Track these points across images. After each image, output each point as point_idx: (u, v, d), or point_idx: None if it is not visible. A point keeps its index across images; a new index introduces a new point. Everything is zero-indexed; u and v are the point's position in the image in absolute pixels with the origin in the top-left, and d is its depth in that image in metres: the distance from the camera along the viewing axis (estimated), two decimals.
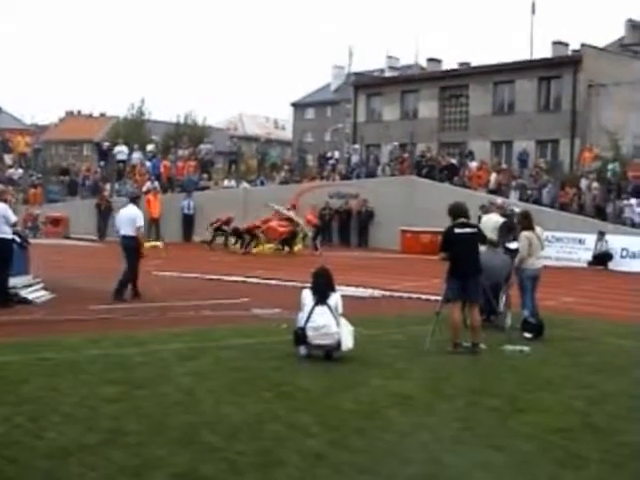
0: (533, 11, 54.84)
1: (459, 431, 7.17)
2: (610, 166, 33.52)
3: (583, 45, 43.53)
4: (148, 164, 39.62)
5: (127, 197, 17.27)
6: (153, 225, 34.54)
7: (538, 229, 13.38)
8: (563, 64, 43.12)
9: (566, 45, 50.48)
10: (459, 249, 11.28)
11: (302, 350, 10.19)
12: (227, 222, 32.08)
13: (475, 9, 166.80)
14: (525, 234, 13.23)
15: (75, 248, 30.86)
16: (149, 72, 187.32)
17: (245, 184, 39.19)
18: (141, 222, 16.13)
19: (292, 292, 11.27)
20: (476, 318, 11.44)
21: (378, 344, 11.39)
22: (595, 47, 44.83)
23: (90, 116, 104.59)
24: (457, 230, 11.41)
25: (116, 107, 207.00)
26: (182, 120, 71.42)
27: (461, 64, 58.93)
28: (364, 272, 23.00)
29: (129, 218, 16.03)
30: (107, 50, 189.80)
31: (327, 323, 10.05)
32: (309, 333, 10.06)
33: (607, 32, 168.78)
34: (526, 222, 13.38)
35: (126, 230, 16.00)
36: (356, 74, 62.22)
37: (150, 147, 42.46)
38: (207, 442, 6.58)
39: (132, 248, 15.96)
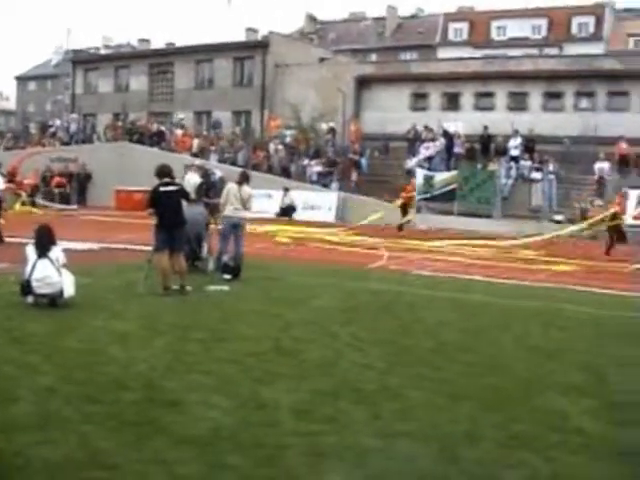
0: (229, 1, 55.51)
1: (171, 361, 7.30)
2: (288, 132, 35.12)
3: (271, 32, 44.69)
4: None
5: None
6: None
7: (245, 187, 13.42)
8: (254, 47, 43.78)
9: (256, 31, 51.61)
10: (164, 205, 11.36)
11: (29, 299, 9.86)
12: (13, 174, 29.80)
13: None
14: (228, 185, 13.60)
15: None
16: None
17: None
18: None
19: (20, 248, 10.80)
20: (182, 264, 11.62)
21: (98, 290, 11.21)
22: (281, 34, 46.25)
23: None
24: (162, 188, 11.49)
25: None
26: None
27: (168, 44, 58.74)
28: (84, 227, 22.46)
29: None
30: None
31: (49, 274, 9.79)
32: (33, 284, 9.76)
33: (290, 22, 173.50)
34: (237, 178, 13.64)
35: None
36: (74, 51, 60.58)
37: None
38: None
39: None
